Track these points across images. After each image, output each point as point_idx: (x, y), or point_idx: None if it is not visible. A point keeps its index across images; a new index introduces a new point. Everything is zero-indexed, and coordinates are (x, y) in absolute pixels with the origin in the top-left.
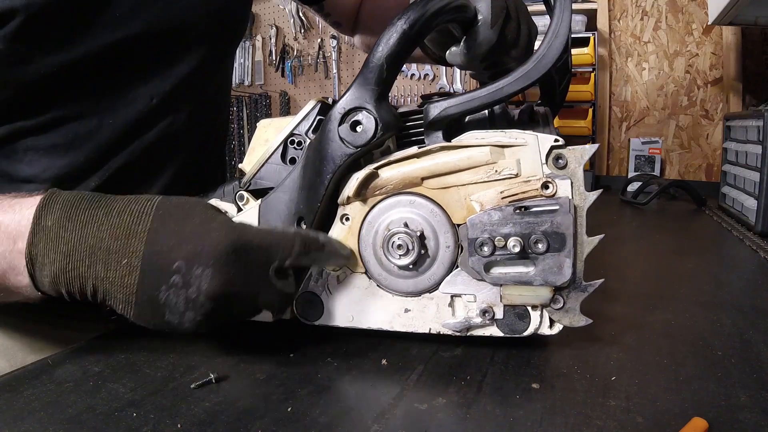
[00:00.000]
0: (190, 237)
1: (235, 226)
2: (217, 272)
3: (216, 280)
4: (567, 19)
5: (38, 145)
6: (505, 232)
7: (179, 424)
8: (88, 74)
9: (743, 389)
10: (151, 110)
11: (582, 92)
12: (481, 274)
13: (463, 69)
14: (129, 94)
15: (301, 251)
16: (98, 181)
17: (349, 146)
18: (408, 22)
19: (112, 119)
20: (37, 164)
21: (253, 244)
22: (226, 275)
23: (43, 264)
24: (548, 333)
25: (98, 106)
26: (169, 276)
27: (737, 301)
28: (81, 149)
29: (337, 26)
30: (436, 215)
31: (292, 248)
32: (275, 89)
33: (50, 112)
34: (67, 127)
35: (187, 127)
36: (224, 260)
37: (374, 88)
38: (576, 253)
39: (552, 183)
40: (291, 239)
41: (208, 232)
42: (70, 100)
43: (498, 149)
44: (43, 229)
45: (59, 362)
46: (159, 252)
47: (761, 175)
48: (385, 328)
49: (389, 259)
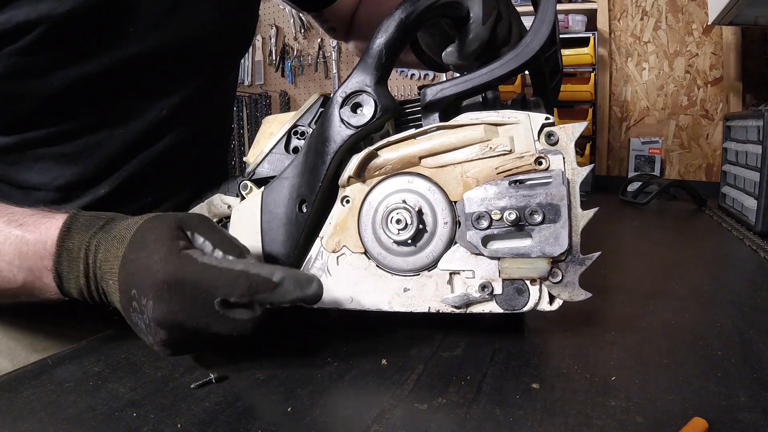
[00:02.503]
0: (139, 268)
1: (176, 260)
2: (155, 304)
3: (158, 310)
4: (552, 6)
5: (49, 154)
6: (501, 205)
7: (179, 424)
8: (102, 88)
9: (743, 389)
10: (161, 122)
11: (582, 92)
12: (479, 249)
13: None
14: (140, 106)
15: (244, 292)
16: (107, 189)
17: (350, 127)
18: (405, 11)
19: (123, 130)
20: (47, 173)
21: (189, 279)
22: (165, 307)
23: (69, 279)
24: (548, 309)
25: (110, 118)
26: (131, 300)
27: (737, 300)
28: (91, 158)
29: (332, 32)
30: (434, 192)
31: (234, 287)
32: (275, 89)
33: (63, 123)
34: (79, 138)
35: (194, 136)
36: (161, 293)
37: (374, 73)
38: (571, 224)
39: (545, 158)
40: (233, 278)
41: (150, 266)
42: (83, 112)
43: (492, 127)
44: (67, 251)
45: (59, 362)
46: (124, 278)
47: (761, 175)
48: (385, 309)
49: (388, 235)
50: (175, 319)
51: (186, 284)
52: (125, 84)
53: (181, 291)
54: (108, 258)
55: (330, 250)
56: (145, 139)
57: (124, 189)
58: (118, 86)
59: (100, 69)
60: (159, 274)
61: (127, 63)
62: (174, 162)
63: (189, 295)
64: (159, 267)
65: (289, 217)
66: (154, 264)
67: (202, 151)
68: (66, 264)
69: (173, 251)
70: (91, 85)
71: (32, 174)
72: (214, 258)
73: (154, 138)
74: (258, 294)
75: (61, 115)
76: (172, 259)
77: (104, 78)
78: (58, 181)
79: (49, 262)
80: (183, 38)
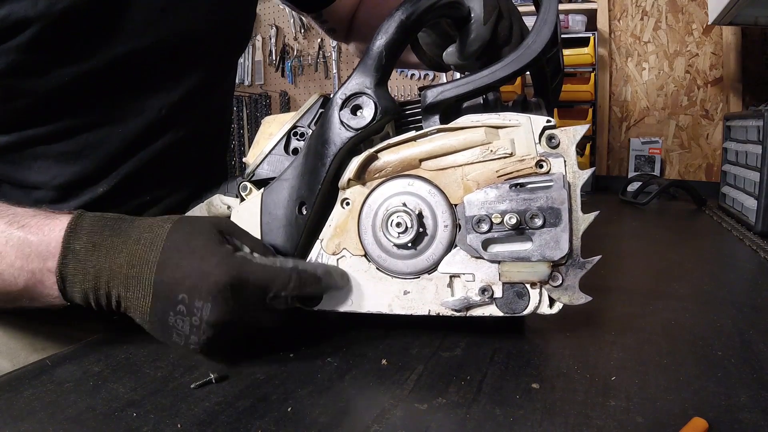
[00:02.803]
0: (191, 272)
1: (234, 262)
2: (215, 306)
3: (215, 312)
4: (554, 7)
5: (49, 152)
6: (501, 209)
7: (179, 424)
8: (100, 85)
9: (743, 389)
10: (159, 120)
11: (582, 92)
12: (479, 252)
13: (460, 70)
14: (139, 104)
15: (297, 286)
16: (106, 188)
17: (350, 129)
18: (405, 12)
19: (122, 129)
20: (47, 171)
21: (250, 280)
22: (225, 308)
23: (73, 282)
24: (548, 312)
25: (109, 116)
26: (176, 304)
27: (737, 300)
28: (90, 157)
29: (332, 33)
30: (434, 195)
31: (288, 284)
32: (275, 89)
33: (62, 121)
34: (79, 136)
35: (193, 135)
36: (222, 296)
37: (374, 74)
38: (572, 228)
39: (546, 161)
40: (287, 275)
41: (209, 270)
42: (82, 109)
43: (492, 130)
44: (72, 252)
45: (59, 362)
46: (167, 282)
47: (761, 175)
48: (385, 311)
49: (388, 239)
50: (230, 318)
51: (248, 284)
52: (123, 81)
53: (242, 290)
54: (132, 263)
55: (330, 253)
56: (144, 138)
57: (123, 187)
58: (115, 83)
59: (97, 66)
60: (222, 276)
61: (123, 60)
62: (173, 161)
63: (248, 294)
64: (220, 270)
65: (289, 218)
66: (213, 268)
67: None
68: (71, 267)
69: (229, 254)
70: (89, 82)
71: (32, 173)
72: (263, 258)
73: (153, 137)
74: (306, 287)
75: (60, 112)
76: (231, 262)
77: (102, 75)
78: (58, 180)
79: (52, 264)
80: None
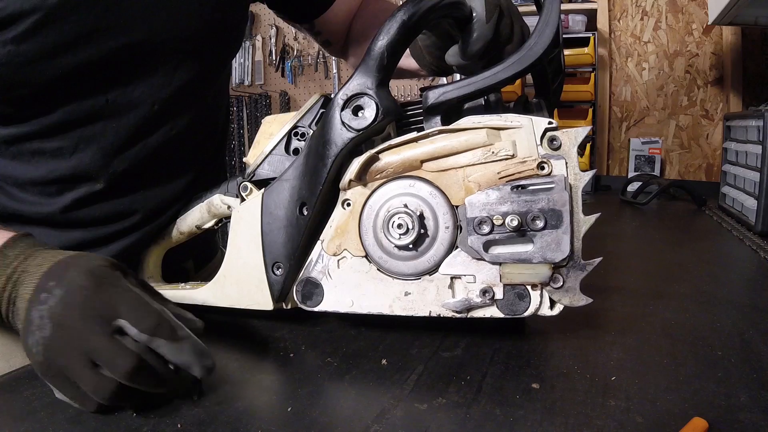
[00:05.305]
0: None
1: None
2: (67, 290)
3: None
4: (557, 8)
5: (44, 148)
6: (503, 211)
7: (179, 424)
8: (94, 78)
9: (743, 389)
10: (153, 116)
11: (582, 92)
12: (481, 253)
13: (462, 70)
14: (131, 99)
15: (151, 326)
16: (102, 183)
17: (351, 130)
18: (407, 13)
19: (116, 123)
20: (43, 167)
21: (111, 282)
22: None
23: None
24: (549, 314)
25: (102, 111)
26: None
27: (737, 300)
28: (85, 152)
29: (327, 45)
30: (436, 197)
31: (145, 317)
32: (275, 89)
33: (56, 113)
34: (73, 131)
35: (188, 131)
36: (78, 280)
37: (375, 75)
38: (573, 230)
39: (547, 163)
40: (148, 309)
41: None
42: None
43: (494, 131)
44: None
45: None
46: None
47: (761, 175)
48: (386, 312)
49: (389, 240)
50: (72, 314)
51: (106, 284)
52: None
53: (98, 287)
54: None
55: (331, 253)
56: (138, 133)
57: (120, 183)
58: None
59: (90, 58)
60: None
61: (117, 53)
62: (169, 157)
63: (100, 299)
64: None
65: (290, 219)
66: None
67: (194, 146)
68: None
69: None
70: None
71: (29, 168)
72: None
73: (147, 133)
74: (157, 336)
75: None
76: (104, 271)
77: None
78: (53, 175)
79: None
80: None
